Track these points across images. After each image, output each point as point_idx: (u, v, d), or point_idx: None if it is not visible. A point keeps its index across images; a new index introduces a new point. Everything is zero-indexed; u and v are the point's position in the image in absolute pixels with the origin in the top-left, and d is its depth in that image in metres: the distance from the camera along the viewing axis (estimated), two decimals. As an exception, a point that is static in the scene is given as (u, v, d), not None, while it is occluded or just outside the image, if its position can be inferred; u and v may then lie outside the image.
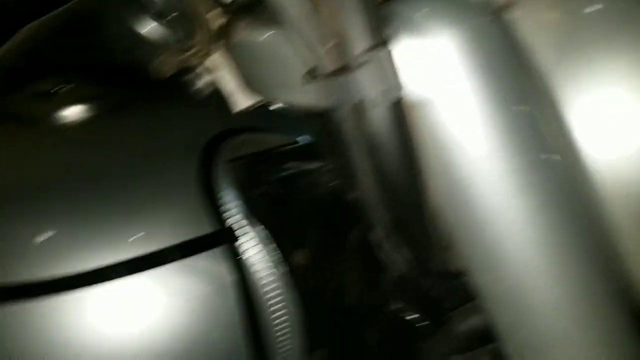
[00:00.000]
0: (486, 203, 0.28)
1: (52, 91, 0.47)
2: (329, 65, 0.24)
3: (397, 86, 0.23)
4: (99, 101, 0.46)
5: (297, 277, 0.43)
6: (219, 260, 0.40)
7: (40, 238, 0.39)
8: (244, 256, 0.40)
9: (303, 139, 0.44)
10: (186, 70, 0.36)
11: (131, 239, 0.38)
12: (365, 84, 0.23)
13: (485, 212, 0.28)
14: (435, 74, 0.26)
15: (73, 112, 0.46)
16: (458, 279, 0.32)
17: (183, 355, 0.39)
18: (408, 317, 0.41)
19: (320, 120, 0.36)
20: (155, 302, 0.38)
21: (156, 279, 0.39)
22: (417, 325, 0.40)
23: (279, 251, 0.42)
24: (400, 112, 0.24)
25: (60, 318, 0.37)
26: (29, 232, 0.39)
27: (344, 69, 0.23)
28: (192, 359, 0.39)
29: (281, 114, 0.50)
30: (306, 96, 0.26)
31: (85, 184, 0.41)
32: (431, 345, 0.37)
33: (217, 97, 0.47)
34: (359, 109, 0.24)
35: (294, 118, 0.49)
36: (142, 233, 0.39)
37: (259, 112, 0.49)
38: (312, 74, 0.24)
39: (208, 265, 0.40)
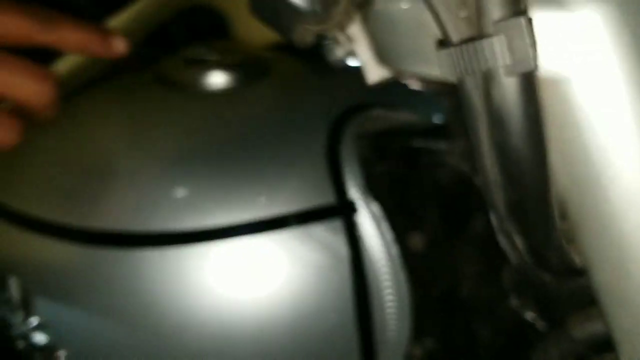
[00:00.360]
0: (617, 196, 0.25)
1: (202, 58, 0.50)
2: (464, 31, 0.23)
3: (533, 57, 0.22)
4: (243, 70, 0.49)
5: (410, 260, 0.42)
6: (336, 233, 0.40)
7: (177, 193, 0.41)
8: (360, 232, 0.40)
9: (436, 119, 0.43)
10: (326, 39, 0.37)
11: (258, 202, 0.40)
12: (499, 52, 0.22)
13: (614, 205, 0.26)
14: (578, 50, 0.24)
15: (219, 80, 0.49)
16: (579, 277, 0.30)
17: (292, 320, 0.40)
18: (526, 316, 0.39)
19: (452, 98, 0.36)
20: (271, 264, 0.40)
21: (276, 242, 0.40)
22: (535, 325, 0.39)
23: (394, 231, 0.41)
24: (532, 86, 0.23)
25: (187, 268, 0.40)
26: (168, 187, 0.42)
27: (478, 36, 0.23)
28: (301, 325, 0.40)
29: (416, 92, 0.50)
30: (436, 67, 0.25)
31: (222, 147, 0.44)
32: (544, 347, 0.35)
33: (353, 69, 0.47)
34: (488, 79, 0.23)
35: (429, 97, 0.49)
36: (269, 197, 0.40)
37: (394, 88, 0.49)
38: (445, 41, 0.24)
39: (325, 236, 0.40)
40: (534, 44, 0.22)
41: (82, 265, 0.41)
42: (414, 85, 0.51)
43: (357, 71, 0.50)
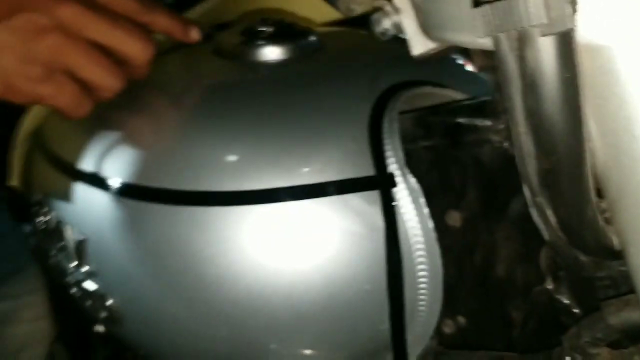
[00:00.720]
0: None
1: (257, 31, 0.50)
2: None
3: (570, 16, 0.20)
4: (296, 43, 0.48)
5: (447, 236, 0.40)
6: (373, 204, 0.39)
7: (225, 157, 0.41)
8: (397, 204, 0.39)
9: (482, 96, 0.41)
10: (374, 9, 0.35)
11: (301, 170, 0.39)
12: (534, 9, 0.20)
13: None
14: (623, 17, 0.22)
15: (272, 53, 0.48)
16: (616, 260, 0.27)
17: (324, 283, 0.39)
18: (562, 300, 0.36)
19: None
20: (308, 228, 0.39)
21: (314, 208, 0.39)
22: (570, 309, 0.36)
23: (432, 207, 0.40)
24: (570, 48, 0.21)
25: (229, 226, 0.40)
26: (217, 150, 0.42)
27: (512, -7, 0.21)
28: (333, 289, 0.39)
29: (465, 70, 0.48)
30: (473, 32, 0.24)
31: (271, 117, 0.43)
32: (577, 331, 0.32)
33: (402, 43, 0.46)
34: (523, 40, 0.21)
35: (478, 74, 0.47)
36: (311, 165, 0.40)
37: (442, 65, 0.47)
38: (478, 1, 0.22)
39: (363, 206, 0.39)
40: (572, 1, 0.20)
41: (131, 218, 0.42)
42: (464, 60, 0.49)
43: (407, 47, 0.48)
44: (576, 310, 0.35)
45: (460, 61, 0.49)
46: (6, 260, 0.71)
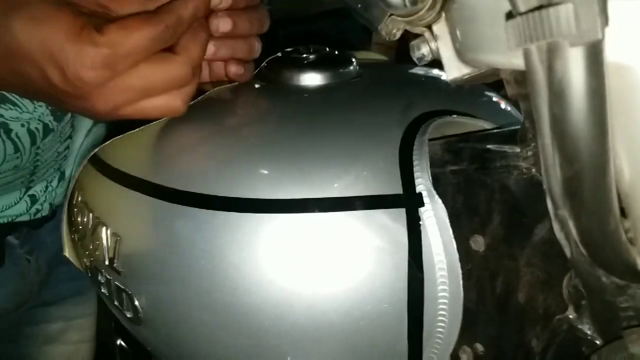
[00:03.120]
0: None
1: (299, 58, 0.52)
2: (533, 2, 0.22)
3: (600, 27, 0.21)
4: (336, 71, 0.50)
5: (469, 261, 0.40)
6: (399, 222, 0.39)
7: (258, 168, 0.42)
8: (422, 224, 0.39)
9: (510, 126, 0.42)
10: (411, 35, 0.36)
11: (333, 183, 0.40)
12: (564, 20, 0.21)
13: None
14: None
15: (312, 78, 0.50)
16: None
17: (345, 297, 0.39)
18: (583, 329, 0.36)
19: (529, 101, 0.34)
20: (336, 240, 0.40)
21: (343, 221, 0.40)
22: (592, 340, 0.35)
23: (457, 230, 0.40)
24: (598, 59, 0.21)
25: (257, 233, 0.40)
26: (251, 161, 0.43)
27: (546, 4, 0.21)
28: (353, 303, 0.39)
29: (492, 101, 0.48)
30: (511, 54, 0.24)
31: (307, 135, 0.44)
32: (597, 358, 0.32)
33: (439, 75, 0.47)
34: (552, 50, 0.22)
35: (504, 106, 0.47)
36: (341, 183, 0.40)
37: (472, 96, 0.48)
38: (513, 12, 0.23)
39: (389, 223, 0.40)
40: (602, 13, 0.21)
41: (164, 220, 0.43)
42: (493, 93, 0.50)
43: (441, 78, 0.49)
44: (598, 342, 0.35)
45: (490, 93, 0.50)
46: (68, 282, 0.73)
